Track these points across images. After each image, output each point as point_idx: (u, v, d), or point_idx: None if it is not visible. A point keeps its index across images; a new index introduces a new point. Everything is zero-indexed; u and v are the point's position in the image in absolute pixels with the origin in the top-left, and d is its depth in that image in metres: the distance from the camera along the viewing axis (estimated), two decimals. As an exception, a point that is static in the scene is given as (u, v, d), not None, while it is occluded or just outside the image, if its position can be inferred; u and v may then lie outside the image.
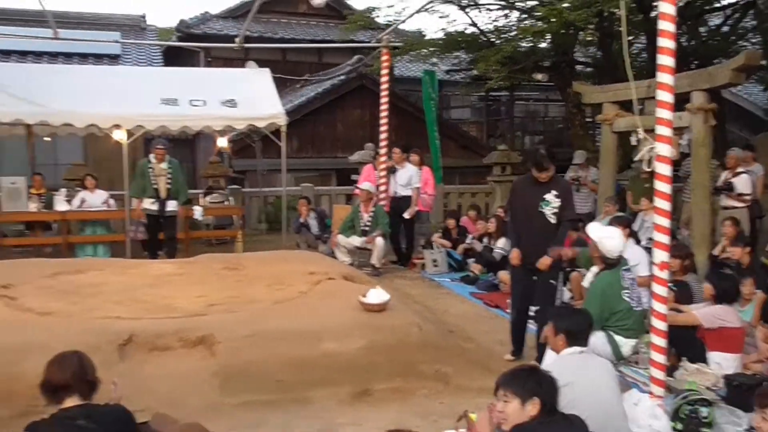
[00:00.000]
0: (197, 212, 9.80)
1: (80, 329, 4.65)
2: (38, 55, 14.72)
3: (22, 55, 14.60)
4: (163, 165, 9.08)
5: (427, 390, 4.62)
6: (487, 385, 4.64)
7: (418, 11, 10.68)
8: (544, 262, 5.17)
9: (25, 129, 10.89)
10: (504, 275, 7.89)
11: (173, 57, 18.37)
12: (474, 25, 14.96)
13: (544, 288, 5.31)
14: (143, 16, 18.60)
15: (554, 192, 5.22)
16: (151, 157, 9.14)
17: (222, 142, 11.81)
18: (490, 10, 14.87)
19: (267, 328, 4.81)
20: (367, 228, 9.11)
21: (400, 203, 9.60)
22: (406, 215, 9.53)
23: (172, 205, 9.14)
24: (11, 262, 7.99)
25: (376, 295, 5.24)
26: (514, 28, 14.16)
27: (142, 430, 3.27)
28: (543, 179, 5.23)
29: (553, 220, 5.22)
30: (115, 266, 7.11)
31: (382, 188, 9.63)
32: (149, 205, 9.08)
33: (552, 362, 3.74)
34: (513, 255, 5.42)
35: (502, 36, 14.20)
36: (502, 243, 8.55)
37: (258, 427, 4.13)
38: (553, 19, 11.24)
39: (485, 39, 14.64)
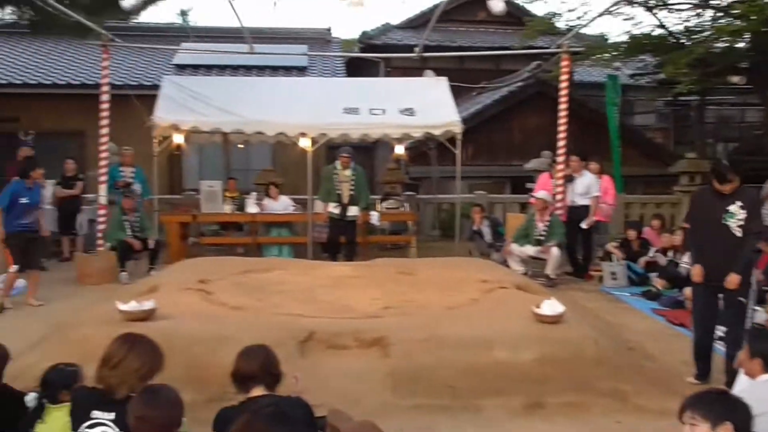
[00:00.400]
0: (374, 217, 10.12)
1: (266, 324, 4.97)
2: (235, 69, 15.92)
3: (221, 69, 15.87)
4: (348, 172, 9.37)
5: (603, 407, 4.43)
6: (669, 407, 4.36)
7: (600, 15, 10.28)
8: (733, 281, 4.79)
9: (222, 137, 11.87)
10: (689, 292, 7.39)
11: (355, 67, 19.10)
12: (662, 26, 14.17)
13: (731, 307, 4.92)
14: (329, 29, 19.49)
15: (739, 203, 4.82)
16: (337, 163, 9.47)
17: (399, 150, 12.11)
18: (681, 9, 14.03)
19: (440, 333, 4.85)
20: (542, 237, 8.93)
21: (577, 213, 9.32)
22: (584, 225, 9.23)
23: (353, 211, 9.38)
24: (209, 259, 8.74)
25: (551, 306, 5.11)
26: (707, 27, 13.24)
27: (319, 424, 3.43)
28: (726, 191, 4.86)
29: (738, 233, 4.82)
30: (297, 266, 7.55)
31: (559, 197, 9.39)
32: (332, 209, 9.42)
33: (745, 388, 3.43)
34: (695, 271, 5.07)
35: (694, 37, 13.33)
36: (689, 257, 8.01)
37: (428, 431, 4.18)
38: (754, 17, 10.37)
39: (674, 40, 13.81)
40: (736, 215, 4.82)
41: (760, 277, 5.74)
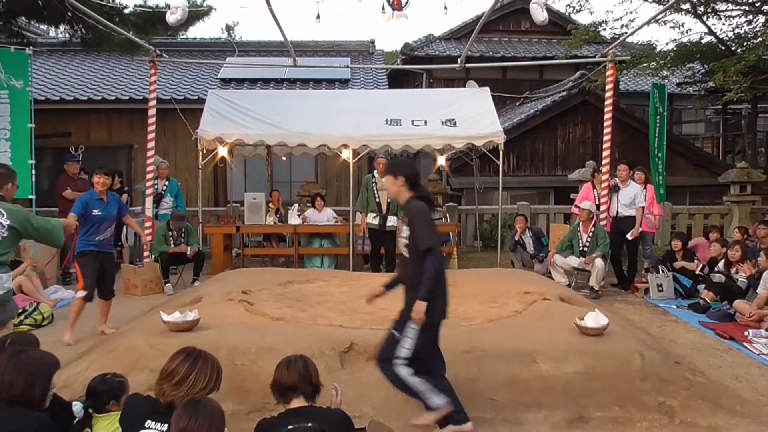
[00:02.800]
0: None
1: (307, 335, 5.00)
2: (279, 82, 16.12)
3: (265, 82, 16.09)
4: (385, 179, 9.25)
5: (648, 423, 4.32)
6: (718, 424, 4.27)
7: (647, 23, 10.11)
8: (419, 309, 3.88)
9: (265, 149, 12.02)
10: (741, 305, 7.20)
11: (397, 79, 19.19)
12: (712, 33, 13.91)
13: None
14: (372, 42, 19.60)
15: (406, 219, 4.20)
16: (375, 172, 9.41)
17: (441, 161, 12.09)
18: (731, 16, 13.75)
19: (481, 345, 4.81)
20: (586, 248, 8.80)
21: (621, 223, 9.16)
22: (630, 236, 9.07)
23: (392, 221, 9.23)
24: (251, 270, 8.85)
25: (595, 318, 5.03)
26: (759, 34, 12.94)
27: (360, 436, 3.43)
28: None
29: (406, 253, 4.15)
30: (339, 277, 7.58)
31: (604, 207, 9.25)
32: (372, 219, 9.34)
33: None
34: None
35: (745, 44, 13.04)
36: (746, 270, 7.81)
37: (469, 443, 4.13)
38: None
39: (724, 48, 13.55)
40: (403, 234, 4.18)
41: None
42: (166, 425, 2.72)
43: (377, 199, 9.31)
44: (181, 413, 2.50)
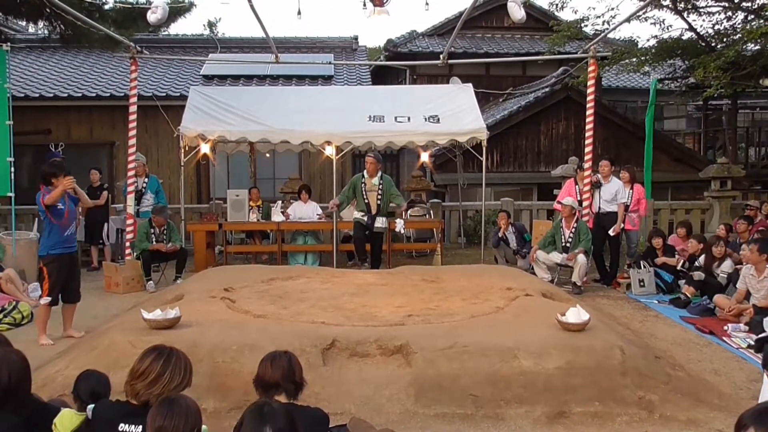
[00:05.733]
0: (399, 225, 10.10)
1: (289, 332, 4.98)
2: (261, 79, 16.05)
3: (248, 79, 16.02)
4: (374, 180, 8.93)
5: (628, 417, 4.35)
6: (697, 418, 4.31)
7: (628, 19, 10.17)
8: None
9: (248, 146, 11.97)
10: (721, 300, 7.27)
11: (381, 75, 19.15)
12: (692, 29, 14.00)
13: None
14: (355, 38, 19.56)
15: None
16: (364, 172, 9.13)
17: (425, 157, 12.10)
18: (711, 13, 13.85)
19: (463, 341, 4.81)
20: (568, 244, 8.85)
21: (603, 219, 9.22)
22: (612, 232, 9.13)
23: (380, 222, 8.97)
24: (234, 267, 8.82)
25: (576, 314, 5.05)
26: (738, 30, 13.04)
27: (339, 434, 3.42)
28: None
29: None
30: (322, 274, 7.56)
31: (586, 203, 9.30)
32: (360, 216, 9.00)
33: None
34: None
35: (725, 40, 13.14)
36: (727, 266, 7.88)
37: (451, 440, 4.15)
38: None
39: (704, 44, 13.65)
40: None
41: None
42: (140, 426, 2.69)
43: (366, 200, 8.96)
44: (156, 413, 2.47)
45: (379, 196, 8.90)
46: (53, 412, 3.01)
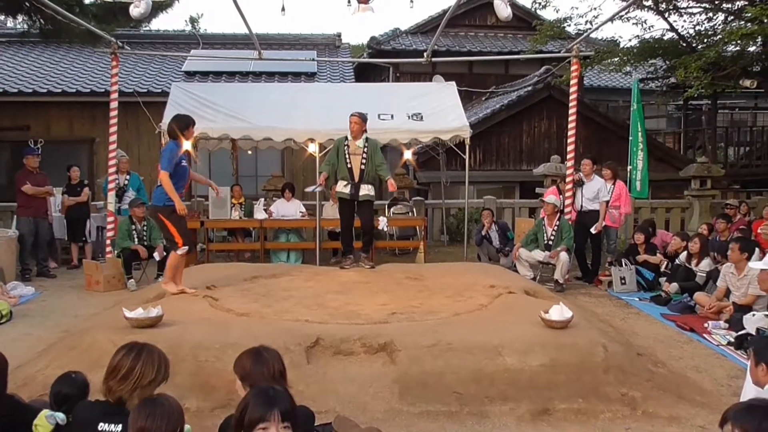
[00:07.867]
0: (381, 222, 10.09)
1: (273, 330, 4.95)
2: (244, 75, 15.97)
3: (230, 75, 15.93)
4: (359, 143, 7.81)
5: (612, 414, 4.38)
6: (679, 414, 4.35)
7: (610, 19, 10.24)
8: None
9: (230, 143, 11.89)
10: (701, 297, 7.34)
11: (364, 73, 19.13)
12: (673, 30, 14.13)
13: None
14: (339, 35, 19.52)
15: None
16: (348, 134, 7.99)
17: (408, 155, 12.09)
18: (692, 13, 13.98)
19: (447, 339, 4.82)
20: (550, 242, 8.89)
21: (585, 217, 9.27)
22: (593, 230, 9.18)
23: (366, 189, 7.80)
24: (216, 265, 8.76)
25: (559, 311, 5.08)
26: (719, 31, 13.17)
27: (325, 431, 3.40)
28: None
29: None
30: (305, 272, 7.53)
31: (568, 201, 9.35)
32: (342, 188, 7.84)
33: (754, 397, 3.38)
34: None
35: (705, 41, 13.27)
36: (705, 264, 7.96)
37: (435, 437, 4.15)
38: (766, 20, 10.31)
39: (685, 44, 13.77)
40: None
41: None
42: (120, 425, 2.66)
43: (348, 165, 7.76)
44: (137, 413, 2.44)
45: (364, 161, 7.75)
46: (34, 413, 2.97)
